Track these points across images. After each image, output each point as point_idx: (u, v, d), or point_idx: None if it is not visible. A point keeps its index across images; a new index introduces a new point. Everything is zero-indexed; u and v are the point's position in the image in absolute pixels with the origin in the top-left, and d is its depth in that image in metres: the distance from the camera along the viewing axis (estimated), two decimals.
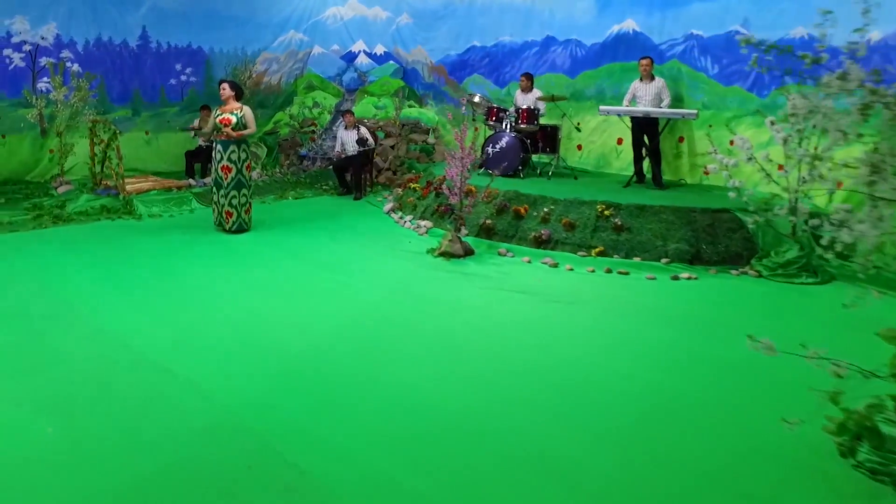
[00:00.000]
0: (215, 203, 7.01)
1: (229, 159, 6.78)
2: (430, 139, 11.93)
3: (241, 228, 7.03)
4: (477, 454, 2.77)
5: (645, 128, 8.09)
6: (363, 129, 9.77)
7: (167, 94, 11.34)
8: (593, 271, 5.97)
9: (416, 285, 5.41)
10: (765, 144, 6.71)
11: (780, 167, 5.41)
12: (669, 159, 8.57)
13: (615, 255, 6.21)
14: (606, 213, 6.50)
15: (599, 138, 9.41)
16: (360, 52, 12.93)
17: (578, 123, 9.09)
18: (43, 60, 9.77)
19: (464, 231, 6.77)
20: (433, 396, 3.33)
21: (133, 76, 10.92)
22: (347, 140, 9.64)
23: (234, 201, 6.91)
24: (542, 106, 8.95)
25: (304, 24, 12.91)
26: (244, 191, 6.95)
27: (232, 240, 6.79)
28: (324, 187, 10.28)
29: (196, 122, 10.40)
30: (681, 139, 8.50)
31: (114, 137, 8.03)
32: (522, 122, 8.30)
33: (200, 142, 10.42)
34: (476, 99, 8.68)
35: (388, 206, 8.50)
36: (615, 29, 9.24)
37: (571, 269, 6.02)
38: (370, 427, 2.99)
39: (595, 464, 2.73)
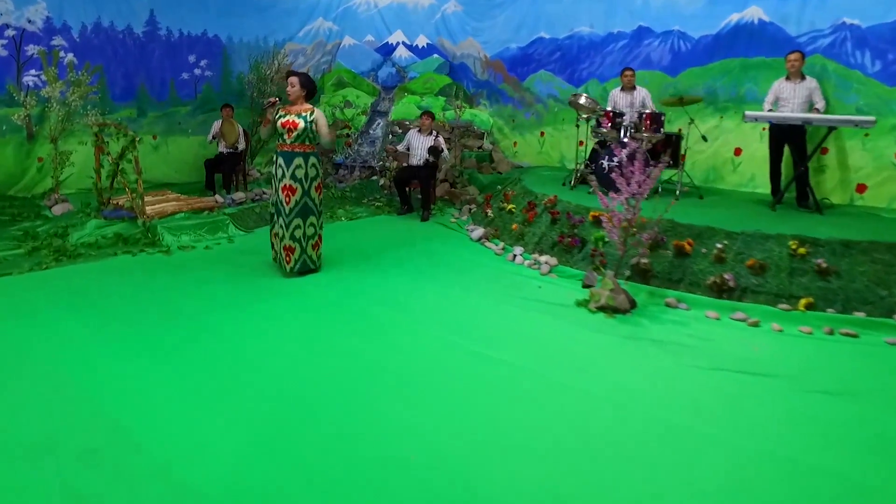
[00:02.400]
0: (274, 235, 5.29)
1: (293, 177, 5.05)
2: (486, 144, 10.31)
3: (306, 268, 5.33)
4: None
5: (791, 138, 6.58)
6: (440, 138, 8.11)
7: (178, 91, 9.53)
8: (811, 333, 4.43)
9: (593, 363, 3.80)
10: None
11: None
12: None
13: (828, 309, 4.66)
14: (801, 250, 4.96)
15: (709, 147, 7.88)
16: (398, 44, 11.25)
17: (704, 133, 7.54)
18: (30, 49, 7.91)
19: (609, 273, 5.17)
20: None
21: (138, 69, 9.08)
22: (418, 147, 7.96)
23: (298, 232, 5.18)
24: (650, 108, 7.40)
25: (334, 11, 11.18)
26: (312, 219, 5.23)
27: (299, 286, 5.09)
28: (376, 204, 8.57)
29: (216, 127, 8.64)
30: (824, 151, 7.00)
31: (131, 146, 6.26)
32: (646, 129, 6.73)
33: (221, 148, 8.66)
34: (581, 100, 7.05)
35: (477, 231, 6.85)
36: (733, 18, 7.72)
37: (781, 331, 4.47)
38: None
39: None
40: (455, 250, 6.43)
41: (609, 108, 7.08)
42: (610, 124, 6.88)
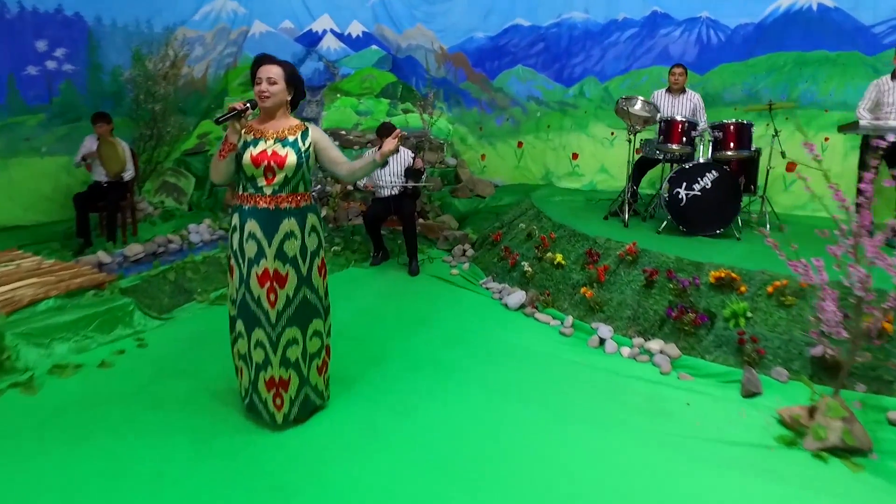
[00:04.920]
0: (242, 358, 2.88)
1: (280, 256, 2.71)
2: (448, 159, 8.23)
3: (309, 410, 2.98)
4: None
5: (887, 151, 5.16)
6: (407, 152, 5.91)
7: (22, 92, 6.54)
8: None
9: None
10: None
11: None
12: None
13: None
14: None
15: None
16: (324, 32, 8.83)
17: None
18: None
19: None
20: None
21: None
22: (388, 171, 5.72)
23: (295, 352, 2.80)
24: (703, 117, 5.74)
25: None
26: (316, 324, 2.88)
27: (303, 452, 2.76)
28: (333, 249, 6.20)
29: (89, 146, 5.89)
30: None
31: None
32: (728, 148, 4.99)
33: (98, 177, 5.94)
34: (637, 107, 5.15)
35: (514, 296, 4.76)
36: (783, 3, 6.25)
37: None
38: None
39: None
40: (499, 331, 4.31)
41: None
42: (680, 139, 5.08)
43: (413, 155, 5.85)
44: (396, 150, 2.74)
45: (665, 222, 5.04)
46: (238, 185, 2.74)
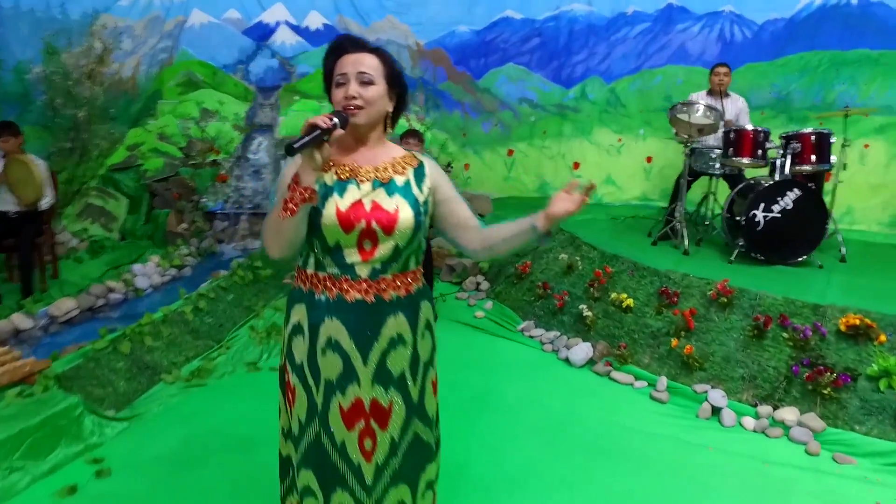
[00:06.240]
0: None
1: (380, 371, 1.59)
2: None
3: None
4: None
5: None
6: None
7: None
8: None
9: None
10: None
11: None
12: None
13: None
14: None
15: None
16: (278, 24, 7.58)
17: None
18: None
19: None
20: None
21: None
22: None
23: None
24: (746, 120, 5.05)
25: None
26: (430, 470, 1.77)
27: None
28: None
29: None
30: None
31: None
32: (808, 161, 4.25)
33: (5, 206, 4.53)
34: (699, 113, 4.30)
35: (578, 349, 3.81)
36: None
37: None
38: None
39: None
40: (574, 401, 3.35)
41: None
42: (751, 151, 4.29)
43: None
44: (570, 213, 1.65)
45: (737, 250, 4.25)
46: (304, 257, 1.64)
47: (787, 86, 5.82)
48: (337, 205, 1.52)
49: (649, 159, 6.64)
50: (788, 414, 3.10)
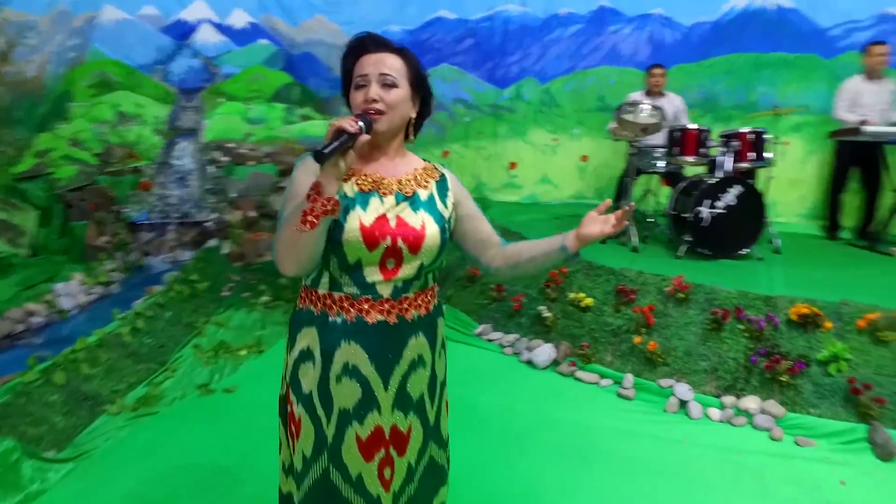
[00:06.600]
0: None
1: (401, 395, 1.49)
2: None
3: None
4: None
5: (865, 155, 5.07)
6: None
7: None
8: None
9: None
10: None
11: None
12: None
13: None
14: None
15: None
16: (199, 22, 7.18)
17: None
18: None
19: None
20: None
21: None
22: None
23: None
24: (685, 119, 5.25)
25: None
26: (443, 492, 1.69)
27: None
28: (261, 300, 4.77)
29: None
30: None
31: None
32: (745, 159, 4.44)
33: None
34: (645, 113, 4.38)
35: (542, 350, 3.79)
36: (741, 2, 5.94)
37: None
38: None
39: None
40: (542, 403, 3.33)
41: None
42: (695, 150, 4.44)
43: None
44: (605, 235, 1.57)
45: (685, 246, 4.39)
46: (313, 276, 1.49)
47: (713, 86, 6.09)
48: (360, 219, 1.39)
49: (584, 158, 6.76)
50: (751, 403, 3.21)
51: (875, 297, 3.50)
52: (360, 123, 1.30)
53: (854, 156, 5.11)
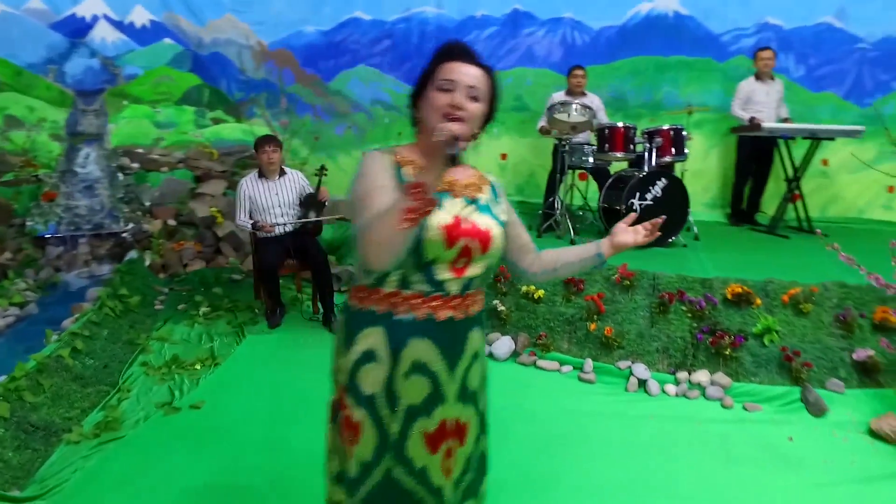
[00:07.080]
0: None
1: (464, 388, 1.54)
2: None
3: None
4: None
5: (763, 148, 5.69)
6: (299, 176, 4.63)
7: None
8: None
9: None
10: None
11: None
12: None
13: None
14: None
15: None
16: (96, 18, 6.66)
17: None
18: None
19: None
20: None
21: None
22: (278, 202, 4.39)
23: None
24: (604, 117, 5.60)
25: None
26: (485, 482, 1.73)
27: None
28: (200, 313, 4.54)
29: None
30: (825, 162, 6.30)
31: None
32: (666, 153, 4.82)
33: None
34: (575, 113, 4.63)
35: (501, 343, 3.93)
36: (644, 8, 6.41)
37: None
38: None
39: None
40: (509, 394, 3.44)
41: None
42: (622, 147, 4.76)
43: (306, 181, 4.60)
44: (638, 245, 1.69)
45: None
46: (376, 275, 1.49)
47: (621, 87, 6.52)
48: (440, 219, 1.43)
49: (504, 156, 6.99)
50: (701, 376, 3.52)
51: (790, 275, 3.94)
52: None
53: (754, 149, 5.68)
